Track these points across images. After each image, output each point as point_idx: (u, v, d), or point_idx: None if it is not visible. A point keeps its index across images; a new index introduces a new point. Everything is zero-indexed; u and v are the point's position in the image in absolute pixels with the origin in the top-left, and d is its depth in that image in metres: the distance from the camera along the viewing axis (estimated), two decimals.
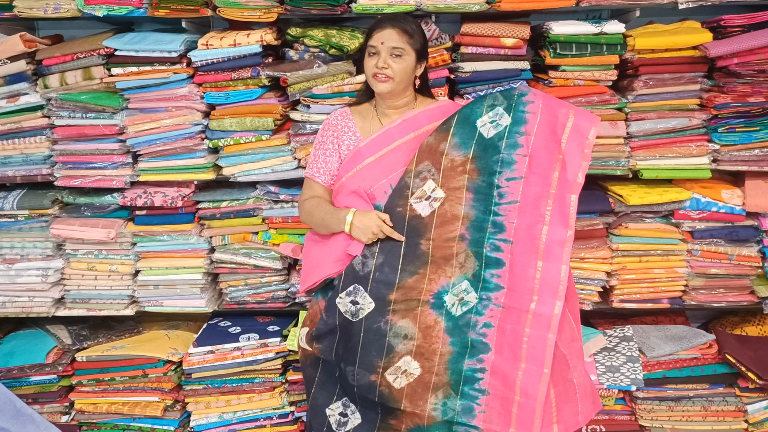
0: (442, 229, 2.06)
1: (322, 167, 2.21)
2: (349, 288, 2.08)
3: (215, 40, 2.48)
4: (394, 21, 2.12)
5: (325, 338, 2.12)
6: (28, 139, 2.61)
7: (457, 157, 2.09)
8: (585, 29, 2.43)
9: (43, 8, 2.50)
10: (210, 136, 2.58)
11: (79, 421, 2.70)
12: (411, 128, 2.16)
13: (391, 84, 2.13)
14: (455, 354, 2.03)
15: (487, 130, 2.09)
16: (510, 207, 2.04)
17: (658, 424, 2.61)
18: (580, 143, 2.03)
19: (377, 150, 2.15)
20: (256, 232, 2.68)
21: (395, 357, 2.03)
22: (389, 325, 2.04)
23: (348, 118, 2.24)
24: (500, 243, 2.04)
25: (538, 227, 2.02)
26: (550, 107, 2.09)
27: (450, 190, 2.08)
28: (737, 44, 2.39)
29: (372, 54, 2.13)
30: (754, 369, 2.50)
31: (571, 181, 2.02)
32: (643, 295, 2.64)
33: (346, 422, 2.12)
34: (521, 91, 2.13)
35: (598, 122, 2.07)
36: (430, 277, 2.06)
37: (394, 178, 2.11)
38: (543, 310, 1.99)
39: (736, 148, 2.52)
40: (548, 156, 2.05)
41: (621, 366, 2.53)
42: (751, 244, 2.60)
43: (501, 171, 2.06)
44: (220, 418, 2.65)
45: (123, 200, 2.62)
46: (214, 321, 2.85)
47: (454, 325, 2.04)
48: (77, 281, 2.72)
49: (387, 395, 2.03)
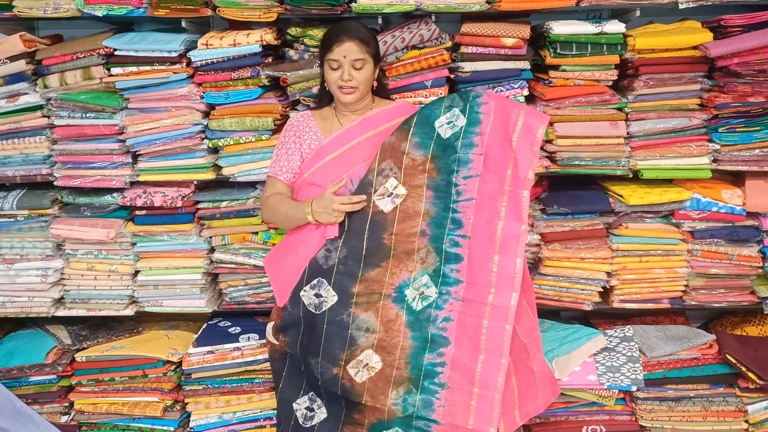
0: (405, 224, 2.12)
1: (285, 165, 2.27)
2: (313, 281, 2.13)
3: (215, 39, 2.48)
4: (350, 32, 2.16)
5: (289, 330, 2.18)
6: (28, 138, 2.61)
7: (417, 157, 2.15)
8: (585, 29, 2.43)
9: (43, 8, 2.50)
10: (210, 136, 2.58)
11: (78, 421, 2.69)
12: (371, 126, 2.23)
13: (356, 94, 2.21)
14: (416, 348, 2.08)
15: (444, 131, 2.15)
16: (467, 204, 2.10)
17: (658, 425, 2.61)
18: (530, 142, 2.09)
19: (338, 147, 2.21)
20: (256, 232, 2.68)
21: (357, 350, 2.08)
22: (351, 317, 2.09)
23: (309, 120, 2.31)
24: (459, 239, 2.10)
25: (495, 222, 2.08)
26: (503, 108, 2.14)
27: (411, 187, 2.14)
28: (737, 44, 2.39)
29: (334, 68, 2.18)
30: (755, 369, 2.50)
31: (522, 178, 2.07)
32: (643, 295, 2.64)
33: (313, 416, 2.18)
34: (476, 92, 2.19)
35: (546, 120, 2.13)
36: (392, 271, 2.11)
37: (354, 173, 2.17)
38: (500, 301, 2.05)
39: (737, 148, 2.52)
40: (502, 154, 2.11)
41: (621, 366, 2.53)
42: (752, 244, 2.60)
43: (458, 170, 2.12)
44: (220, 418, 2.65)
45: (123, 200, 2.62)
46: (213, 321, 2.85)
47: (414, 320, 2.09)
48: (77, 281, 2.72)
49: (349, 389, 2.08)
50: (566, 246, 2.58)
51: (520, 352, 2.14)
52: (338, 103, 2.28)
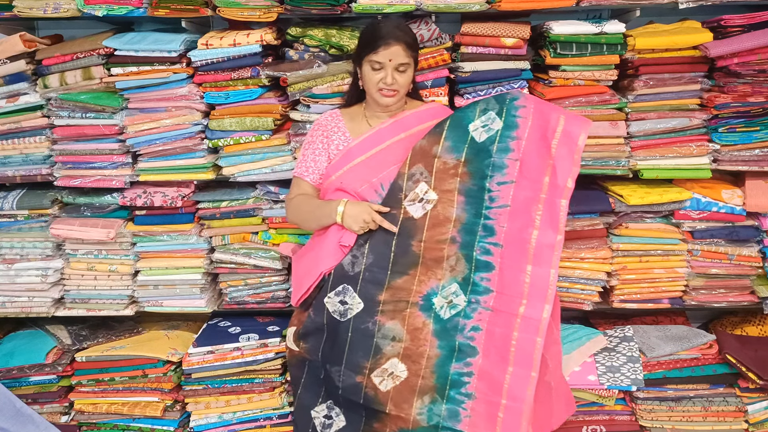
0: (434, 231, 2.06)
1: (311, 166, 2.23)
2: (338, 288, 2.08)
3: (215, 39, 2.48)
4: (398, 36, 2.10)
5: (311, 337, 2.13)
6: (28, 139, 2.61)
7: (449, 160, 2.09)
8: (585, 29, 2.43)
9: (43, 8, 2.50)
10: (210, 136, 2.58)
11: (78, 421, 2.69)
12: (401, 129, 2.18)
13: (397, 97, 2.16)
14: (442, 357, 2.02)
15: (479, 134, 2.10)
16: (501, 211, 2.04)
17: (658, 425, 2.61)
18: (570, 149, 2.03)
19: (367, 150, 2.16)
20: (256, 232, 2.68)
21: (382, 359, 2.02)
22: (377, 326, 2.03)
23: (338, 119, 2.26)
24: (490, 246, 2.04)
25: (528, 231, 2.02)
26: (542, 112, 2.08)
27: (442, 192, 2.08)
28: (737, 44, 2.39)
29: (376, 69, 2.12)
30: (755, 369, 2.50)
31: (561, 186, 2.01)
32: (643, 295, 2.64)
33: (331, 424, 2.12)
34: (513, 95, 2.14)
35: (588, 126, 2.06)
36: (420, 279, 2.05)
37: (384, 177, 2.12)
38: (532, 313, 1.98)
39: (737, 148, 2.52)
40: (539, 161, 2.04)
41: (621, 366, 2.53)
42: (752, 244, 2.60)
43: (492, 175, 2.06)
44: (220, 418, 2.65)
45: (123, 200, 2.62)
46: (213, 321, 2.85)
47: (442, 328, 2.03)
48: (77, 281, 2.72)
49: (372, 397, 2.01)
50: (566, 246, 2.57)
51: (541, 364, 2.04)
52: (372, 103, 2.22)
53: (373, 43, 2.12)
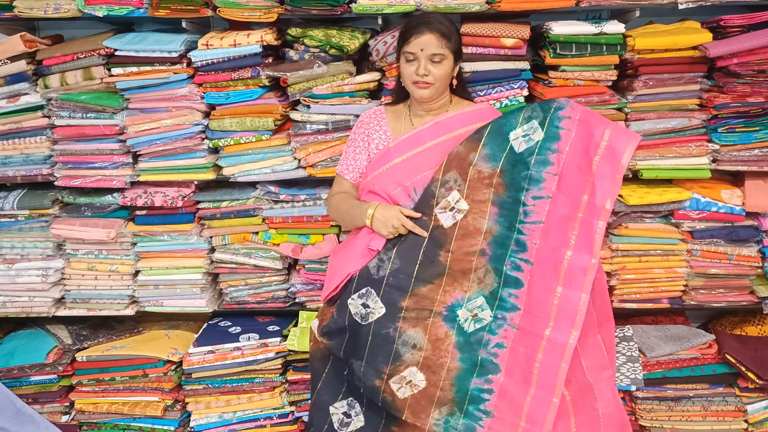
0: (463, 241, 2.02)
1: (351, 164, 2.22)
2: (361, 290, 2.05)
3: (215, 40, 2.48)
4: (431, 25, 2.04)
5: (334, 336, 2.10)
6: (29, 139, 2.61)
7: (485, 169, 2.03)
8: (585, 29, 2.43)
9: (44, 8, 2.50)
10: (210, 136, 2.58)
11: (79, 421, 2.70)
12: (442, 131, 2.12)
13: (432, 90, 2.10)
14: (463, 371, 1.98)
15: (519, 144, 2.02)
16: (534, 227, 1.98)
17: (658, 424, 2.61)
18: (612, 167, 1.94)
19: (405, 151, 2.12)
20: (256, 232, 2.68)
21: (401, 366, 1.98)
22: (398, 332, 1.99)
23: (381, 117, 2.23)
24: (521, 263, 1.98)
25: (562, 251, 1.94)
26: (587, 124, 2.00)
27: (474, 202, 2.03)
28: (737, 44, 2.39)
29: (410, 60, 2.08)
30: (754, 369, 2.50)
31: (599, 207, 1.93)
32: (642, 295, 2.64)
33: (349, 423, 2.08)
34: (560, 104, 2.05)
35: (636, 141, 1.95)
36: (445, 289, 2.01)
37: (418, 181, 2.08)
38: (558, 337, 1.92)
39: (736, 148, 2.52)
40: (579, 177, 1.96)
41: (621, 366, 2.53)
42: (751, 244, 2.60)
43: (528, 188, 1.99)
44: (220, 418, 2.65)
45: (123, 200, 2.62)
46: (214, 321, 2.86)
47: (465, 341, 1.99)
48: (77, 281, 2.72)
49: (390, 403, 1.98)
50: None
51: (584, 390, 1.99)
52: (413, 99, 2.18)
53: (405, 33, 2.08)
